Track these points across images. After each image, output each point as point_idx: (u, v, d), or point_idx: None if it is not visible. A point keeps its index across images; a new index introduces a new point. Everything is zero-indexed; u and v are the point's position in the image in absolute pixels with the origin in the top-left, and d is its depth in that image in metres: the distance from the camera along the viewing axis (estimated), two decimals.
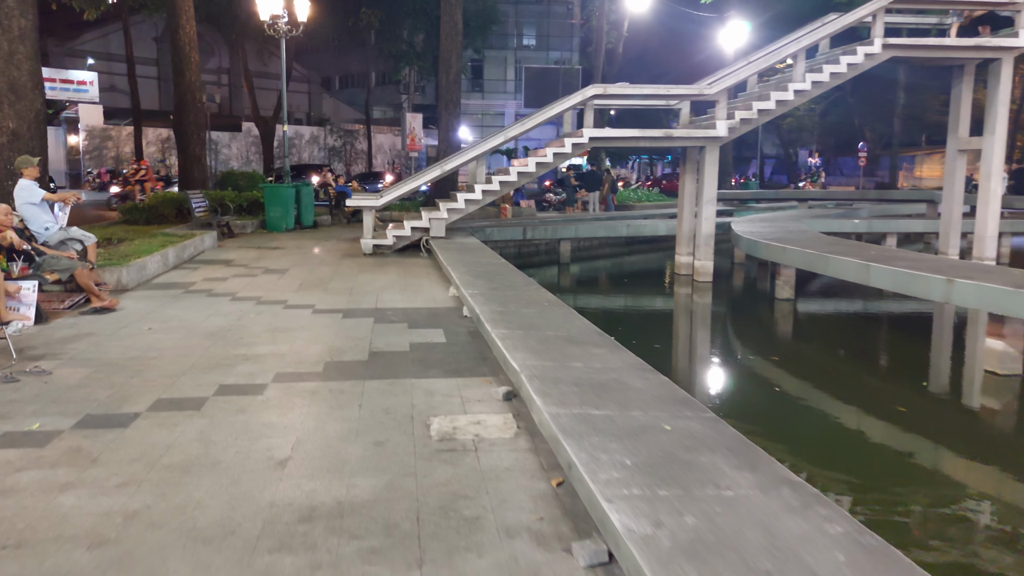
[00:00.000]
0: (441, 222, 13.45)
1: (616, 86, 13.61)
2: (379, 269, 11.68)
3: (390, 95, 68.41)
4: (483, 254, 11.48)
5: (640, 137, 13.68)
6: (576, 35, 69.27)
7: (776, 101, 13.57)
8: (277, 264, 12.01)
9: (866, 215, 23.31)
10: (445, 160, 13.70)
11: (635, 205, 28.80)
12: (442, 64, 25.24)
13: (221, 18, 42.83)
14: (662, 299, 15.34)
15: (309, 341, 6.87)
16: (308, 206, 18.96)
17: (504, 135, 13.43)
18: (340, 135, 54.88)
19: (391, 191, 13.40)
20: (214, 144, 46.67)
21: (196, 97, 19.02)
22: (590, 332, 5.96)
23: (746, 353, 10.76)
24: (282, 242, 15.43)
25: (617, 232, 16.96)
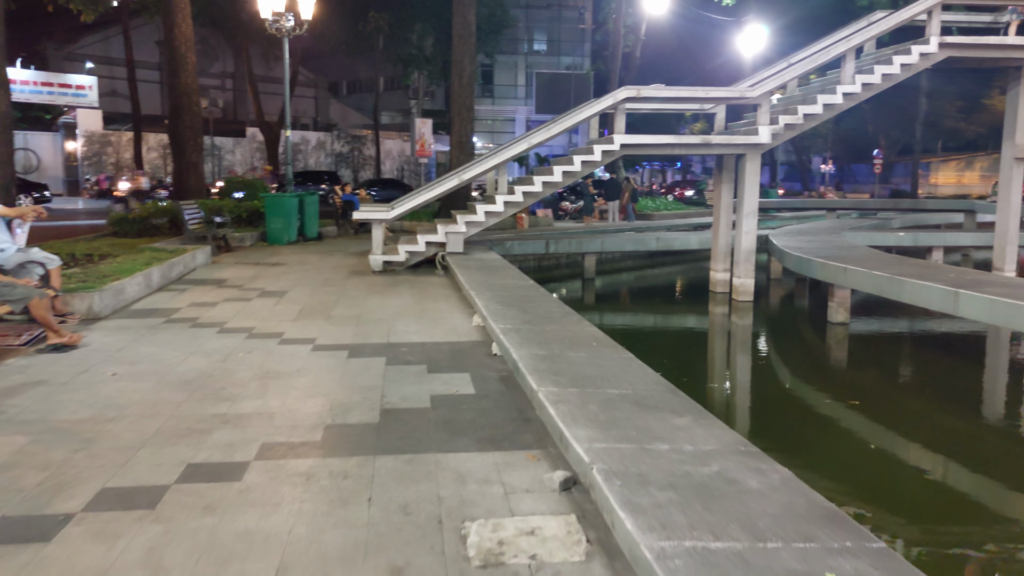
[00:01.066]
0: (459, 236, 12.18)
1: (650, 88, 12.35)
2: (390, 290, 10.40)
3: (399, 100, 67.36)
4: (507, 274, 10.21)
5: (675, 144, 12.42)
6: (587, 40, 68.16)
7: (824, 105, 12.29)
8: (275, 285, 10.75)
9: (899, 225, 21.97)
10: (463, 168, 12.44)
11: (654, 215, 27.53)
12: (454, 67, 24.02)
13: (224, 21, 41.83)
14: (699, 320, 14.00)
15: (307, 393, 5.59)
16: (312, 217, 17.72)
17: (527, 141, 12.18)
18: (347, 141, 53.72)
19: (405, 202, 12.15)
20: (217, 150, 45.58)
21: (193, 100, 17.83)
22: (661, 389, 4.67)
23: (815, 393, 9.36)
24: (283, 257, 14.19)
25: (646, 245, 15.69)
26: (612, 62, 30.30)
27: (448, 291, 10.34)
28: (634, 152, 12.40)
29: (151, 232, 15.97)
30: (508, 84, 68.85)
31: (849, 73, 12.20)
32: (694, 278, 20.07)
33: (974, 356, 11.78)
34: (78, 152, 40.86)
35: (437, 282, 11.20)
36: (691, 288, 17.56)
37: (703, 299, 14.80)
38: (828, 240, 14.11)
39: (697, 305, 14.88)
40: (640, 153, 12.62)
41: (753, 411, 8.46)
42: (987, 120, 58.50)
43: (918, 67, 12.45)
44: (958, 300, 7.86)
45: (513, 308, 7.48)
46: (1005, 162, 14.25)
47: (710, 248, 15.35)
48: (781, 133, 12.40)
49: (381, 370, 6.19)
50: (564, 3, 66.74)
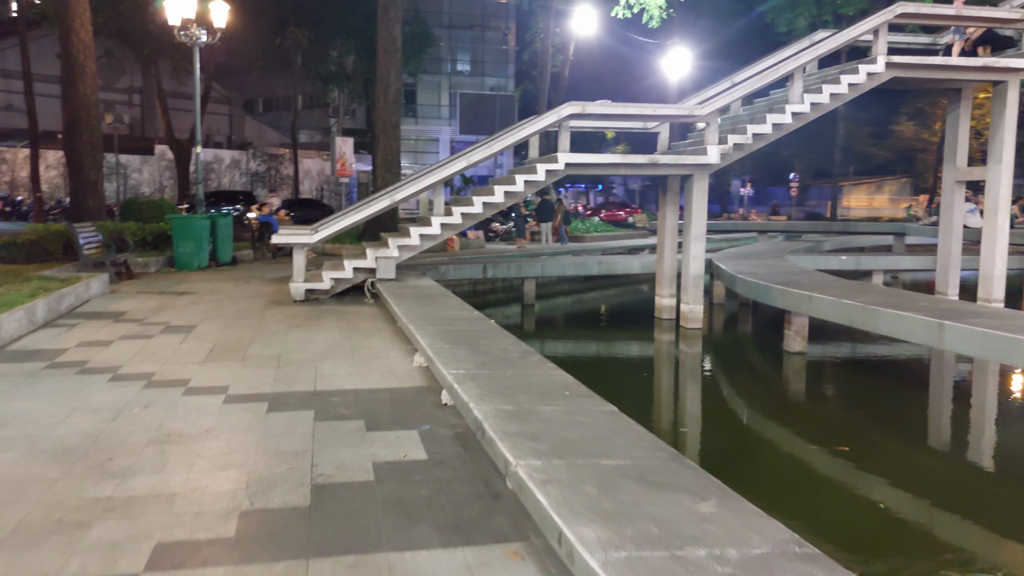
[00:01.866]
0: (390, 262, 11.14)
1: (596, 104, 11.62)
2: (315, 323, 9.28)
3: (318, 118, 65.58)
4: (448, 303, 9.23)
5: (621, 164, 11.72)
6: (511, 62, 68.03)
7: (773, 124, 11.81)
8: (182, 318, 9.48)
9: (829, 247, 21.96)
10: (395, 188, 11.42)
11: (585, 236, 27.01)
12: (379, 83, 22.98)
13: (132, 33, 39.63)
14: (646, 348, 13.24)
15: (217, 463, 4.49)
16: (226, 239, 16.36)
17: (467, 159, 11.26)
18: (264, 160, 51.76)
19: (330, 224, 11.04)
20: (123, 168, 43.15)
21: (92, 113, 16.28)
22: (664, 457, 3.78)
23: (791, 437, 8.54)
24: (192, 284, 12.84)
25: (588, 270, 14.96)
26: (540, 82, 29.81)
27: (381, 323, 9.29)
28: (578, 172, 11.65)
29: (42, 257, 14.37)
30: (431, 104, 68.05)
31: (798, 92, 11.77)
32: (636, 303, 19.39)
33: (940, 384, 11.41)
34: None
35: (367, 312, 10.13)
36: (635, 314, 16.85)
37: (648, 326, 14.10)
38: (775, 264, 13.65)
39: (643, 332, 14.16)
40: (584, 173, 11.88)
41: (730, 458, 7.58)
42: (895, 146, 60.74)
43: (864, 87, 12.13)
44: (943, 332, 7.29)
45: (462, 347, 6.50)
46: (947, 185, 14.10)
47: (653, 272, 14.73)
48: (730, 153, 11.86)
49: (309, 428, 5.12)
50: (487, 24, 66.52)
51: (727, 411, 9.72)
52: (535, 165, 11.29)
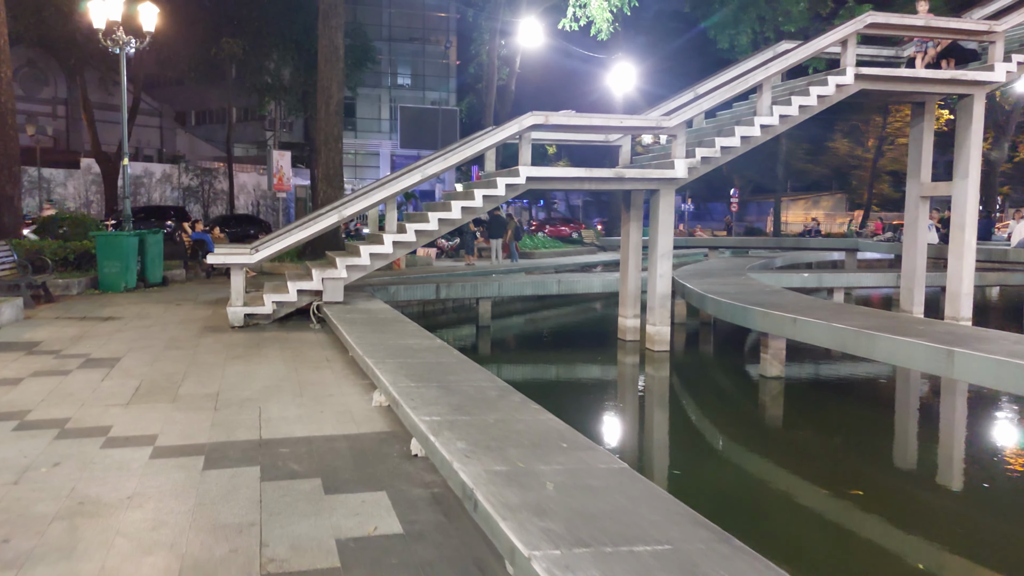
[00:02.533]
0: (338, 283, 10.26)
1: (560, 115, 10.99)
2: (256, 353, 8.36)
3: (253, 132, 63.81)
4: (404, 330, 8.42)
5: (586, 178, 11.09)
6: (453, 76, 67.49)
7: (741, 137, 11.35)
8: (106, 348, 8.45)
9: (780, 264, 21.79)
10: (343, 203, 10.56)
11: (534, 253, 26.39)
12: (320, 93, 22.05)
13: (57, 42, 37.72)
14: (609, 372, 12.58)
15: (141, 543, 3.62)
16: (155, 258, 15.22)
17: (421, 172, 10.46)
18: (197, 174, 49.87)
19: (272, 242, 10.12)
20: (46, 182, 40.98)
21: (7, 123, 14.97)
22: (710, 539, 3.05)
23: (787, 476, 7.84)
24: (119, 309, 11.73)
25: (547, 289, 14.26)
26: (487, 95, 29.20)
27: (330, 352, 8.43)
28: (540, 187, 10.98)
29: None
30: (371, 118, 67.03)
31: (766, 104, 11.34)
32: (594, 323, 18.66)
33: (928, 407, 11.03)
34: None
35: (314, 340, 9.24)
36: (595, 335, 16.14)
37: (611, 347, 13.47)
38: (739, 283, 13.19)
39: (606, 355, 13.48)
40: (546, 188, 11.23)
41: (742, 509, 6.79)
42: (831, 162, 62.09)
43: (833, 99, 11.79)
44: (953, 360, 6.78)
45: (431, 385, 5.71)
46: (911, 200, 13.88)
47: (615, 291, 14.15)
48: (698, 167, 11.35)
49: (255, 491, 4.28)
50: (428, 38, 65.89)
51: (715, 448, 9.00)
52: (495, 179, 10.56)
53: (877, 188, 58.18)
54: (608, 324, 16.70)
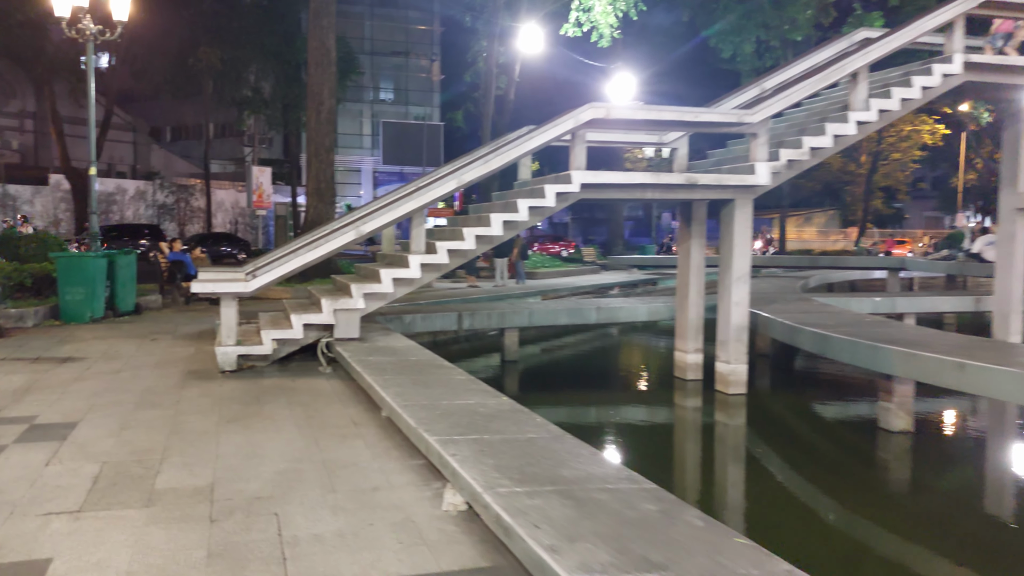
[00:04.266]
0: (353, 316, 8.33)
1: (624, 107, 9.19)
2: (258, 412, 6.39)
3: (231, 148, 61.58)
4: (453, 380, 6.51)
5: (649, 185, 9.27)
6: (437, 91, 65.84)
7: (833, 136, 9.61)
8: (59, 406, 6.44)
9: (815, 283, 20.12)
10: (362, 218, 8.61)
11: (536, 272, 24.53)
12: (311, 100, 20.15)
13: (23, 52, 35.50)
14: (670, 421, 10.52)
15: None
16: (127, 283, 13.18)
17: (457, 178, 8.56)
18: (172, 191, 47.58)
19: (273, 265, 8.15)
20: (11, 199, 38.57)
21: None
22: None
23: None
24: (81, 345, 9.69)
25: (585, 318, 12.32)
26: (484, 104, 27.42)
27: (354, 409, 6.48)
28: (593, 195, 9.15)
29: None
30: (353, 133, 65.12)
31: (862, 97, 9.62)
32: (632, 355, 16.39)
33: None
34: None
35: (328, 390, 7.29)
36: (641, 371, 14.03)
37: (665, 388, 11.47)
38: (814, 308, 11.38)
39: (662, 397, 11.41)
40: (599, 196, 9.38)
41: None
42: (822, 177, 61.03)
43: (937, 91, 10.11)
44: None
45: (543, 487, 3.80)
46: (1005, 212, 12.16)
47: (661, 320, 12.34)
48: (782, 172, 9.60)
49: None
50: (412, 52, 64.20)
51: (857, 544, 6.90)
52: (542, 187, 8.72)
53: (871, 204, 57.23)
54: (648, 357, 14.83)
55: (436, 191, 8.45)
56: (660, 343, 16.39)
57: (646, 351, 16.03)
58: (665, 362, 12.86)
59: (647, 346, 16.51)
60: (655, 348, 16.04)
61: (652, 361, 14.13)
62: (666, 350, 15.06)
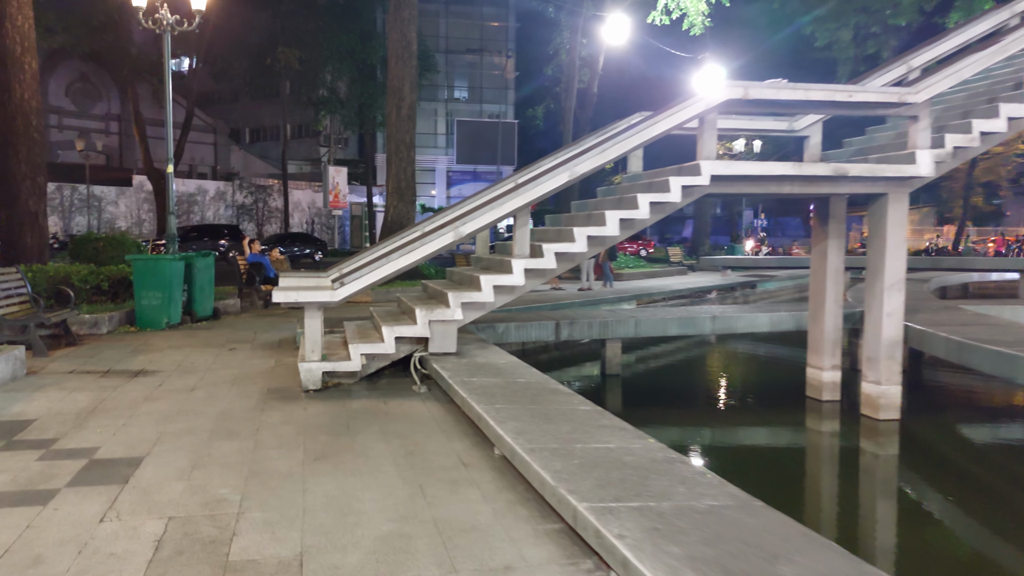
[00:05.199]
0: (450, 328, 7.35)
1: (765, 86, 7.93)
2: (349, 446, 5.44)
3: (307, 148, 62.04)
4: (578, 411, 5.43)
5: (789, 177, 8.03)
6: (511, 88, 64.99)
7: (1008, 119, 8.20)
8: (125, 435, 5.62)
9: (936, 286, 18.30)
10: (460, 217, 7.59)
11: (623, 274, 23.27)
12: (391, 96, 19.37)
13: (108, 55, 36.03)
14: (806, 445, 9.17)
15: None
16: (205, 286, 12.54)
17: (569, 170, 7.48)
18: (251, 191, 47.94)
19: (363, 272, 7.22)
20: (96, 200, 39.26)
21: (31, 123, 12.49)
22: None
23: None
24: (156, 356, 8.99)
25: (699, 328, 11.03)
26: (566, 99, 26.31)
27: (460, 442, 5.47)
28: (723, 189, 7.96)
29: None
30: (427, 132, 64.74)
31: None
32: (748, 369, 14.83)
33: None
34: None
35: (426, 415, 6.30)
36: (763, 389, 12.51)
37: (796, 409, 10.10)
38: (966, 318, 9.91)
39: (792, 421, 10.07)
40: (730, 191, 8.18)
41: None
42: None
43: None
44: None
45: (735, 574, 2.69)
46: None
47: (785, 330, 11.03)
48: (946, 161, 8.24)
49: None
50: (486, 49, 63.46)
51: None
52: (666, 180, 7.58)
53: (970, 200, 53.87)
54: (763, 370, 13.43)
55: (545, 185, 7.38)
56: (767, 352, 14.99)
57: (758, 363, 14.58)
58: (786, 376, 11.53)
59: (756, 357, 15.05)
60: (766, 359, 14.64)
61: (770, 375, 12.79)
62: (785, 362, 13.66)
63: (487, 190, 9.55)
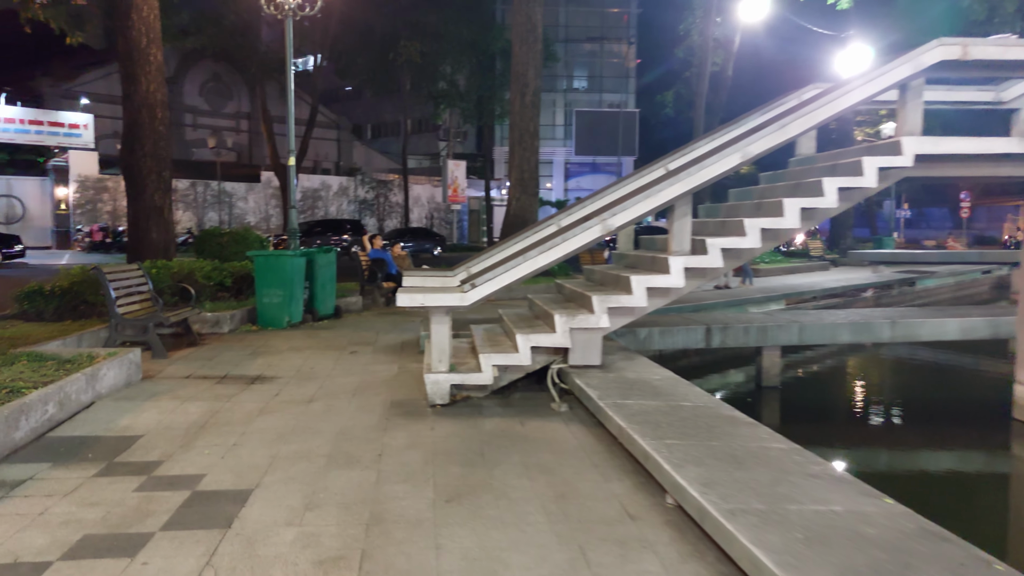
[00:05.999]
0: (594, 337, 6.36)
1: (989, 43, 6.54)
2: (486, 481, 4.55)
3: (427, 143, 62.41)
4: (763, 446, 4.36)
5: (1012, 156, 6.62)
6: (632, 76, 63.24)
7: None
8: (234, 457, 4.93)
9: None
10: (606, 207, 6.56)
11: (760, 269, 21.58)
12: (514, 81, 18.52)
13: (237, 53, 37.05)
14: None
15: None
16: (327, 283, 12.05)
17: (740, 151, 6.29)
18: (372, 186, 48.50)
19: (497, 272, 6.31)
20: (227, 196, 40.50)
21: (156, 116, 12.33)
22: None
23: None
24: (275, 359, 8.43)
25: (876, 335, 9.51)
26: (698, 83, 24.76)
27: (619, 485, 4.49)
28: (927, 172, 6.62)
29: (80, 311, 10.39)
30: (545, 124, 63.66)
31: None
32: (921, 380, 12.78)
33: None
34: (69, 199, 35.79)
35: (571, 443, 5.35)
36: (948, 405, 10.70)
37: (997, 432, 8.54)
38: None
39: (992, 445, 8.50)
40: (934, 174, 6.82)
41: None
42: None
43: None
44: None
45: None
46: None
47: (977, 339, 9.46)
48: None
49: None
50: (607, 36, 61.91)
51: None
52: (858, 161, 6.32)
53: None
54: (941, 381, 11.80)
55: (711, 169, 6.24)
56: (947, 361, 13.13)
57: (939, 375, 12.79)
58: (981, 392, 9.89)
59: (934, 367, 13.19)
60: (947, 370, 12.84)
61: (958, 390, 11.12)
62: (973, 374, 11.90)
63: (628, 179, 8.49)
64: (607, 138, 59.50)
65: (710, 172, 6.22)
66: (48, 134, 35.36)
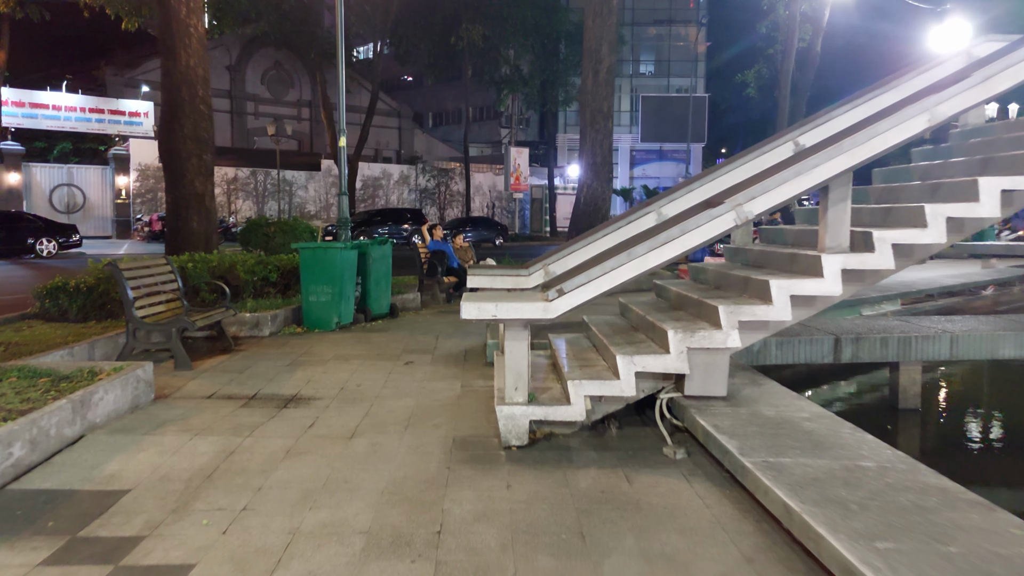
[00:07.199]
0: (720, 360, 4.84)
1: None
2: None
3: (488, 131, 61.13)
4: (1008, 551, 2.79)
5: None
6: (701, 60, 60.78)
7: None
8: (240, 530, 3.56)
9: None
10: (749, 193, 4.98)
11: None
12: (587, 57, 16.94)
13: (298, 39, 36.24)
14: None
15: None
16: (382, 279, 10.73)
17: (928, 113, 4.64)
18: (433, 175, 47.39)
19: (590, 275, 4.83)
20: (287, 185, 39.82)
21: (197, 94, 11.16)
22: None
23: None
24: (316, 372, 7.11)
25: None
26: (784, 61, 22.77)
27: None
28: None
29: (106, 311, 9.30)
30: None
31: None
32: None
33: None
34: (129, 188, 35.51)
35: (702, 514, 3.85)
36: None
37: None
38: None
39: None
40: None
41: None
42: None
43: None
44: None
45: None
46: None
47: None
48: None
49: None
50: (675, 20, 59.57)
51: None
52: None
53: None
54: None
55: (884, 138, 4.63)
56: None
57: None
58: None
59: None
60: None
61: None
62: None
63: (738, 159, 6.87)
64: (675, 124, 57.34)
65: (886, 140, 4.62)
66: (109, 122, 35.13)
